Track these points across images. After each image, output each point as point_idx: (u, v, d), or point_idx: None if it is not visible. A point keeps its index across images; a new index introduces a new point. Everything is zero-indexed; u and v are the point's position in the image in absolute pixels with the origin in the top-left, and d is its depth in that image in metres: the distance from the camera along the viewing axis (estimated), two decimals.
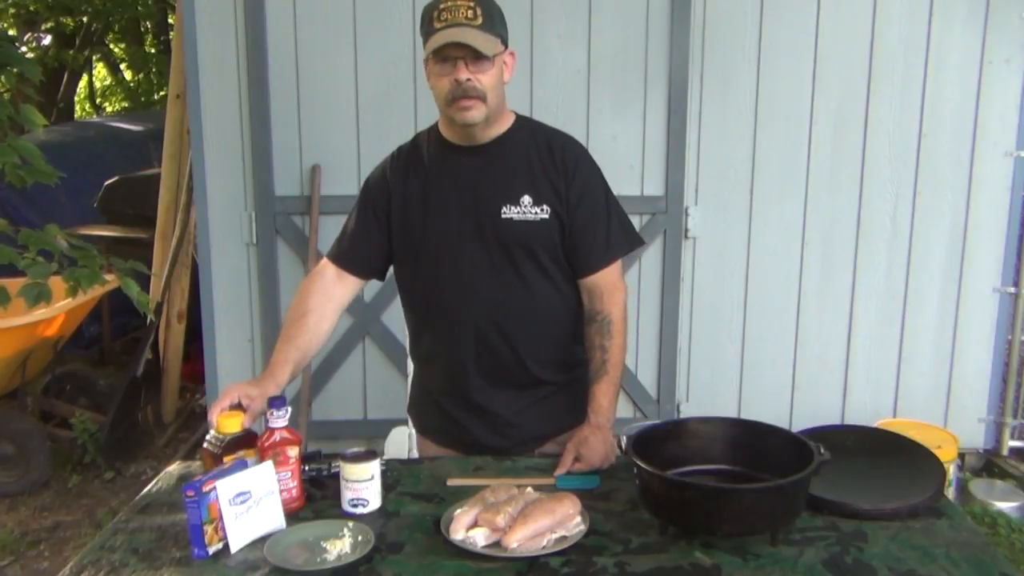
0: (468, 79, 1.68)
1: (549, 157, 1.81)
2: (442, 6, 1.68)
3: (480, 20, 1.67)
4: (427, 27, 1.71)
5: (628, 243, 1.89)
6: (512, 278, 1.81)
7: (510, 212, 1.78)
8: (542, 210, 1.78)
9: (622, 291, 1.87)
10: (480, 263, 1.80)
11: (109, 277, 2.51)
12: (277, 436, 1.55)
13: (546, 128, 1.88)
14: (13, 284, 2.29)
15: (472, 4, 1.67)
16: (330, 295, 1.88)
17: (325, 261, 1.93)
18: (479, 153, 1.81)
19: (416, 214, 1.84)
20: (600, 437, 1.76)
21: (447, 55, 1.68)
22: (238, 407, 1.64)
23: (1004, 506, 3.39)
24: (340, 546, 1.40)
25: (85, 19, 9.57)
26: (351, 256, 1.90)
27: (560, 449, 1.81)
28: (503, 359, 1.84)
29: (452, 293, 1.82)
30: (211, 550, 1.41)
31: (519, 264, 1.80)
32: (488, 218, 1.79)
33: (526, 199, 1.78)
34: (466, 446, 1.89)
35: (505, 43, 1.75)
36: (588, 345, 1.87)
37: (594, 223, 1.83)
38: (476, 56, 1.67)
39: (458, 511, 1.46)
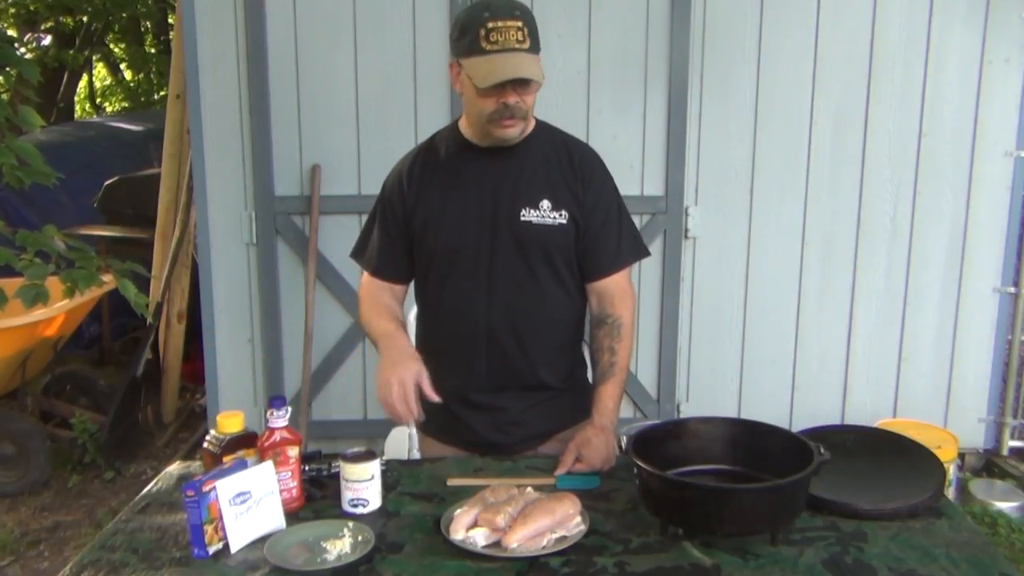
0: (516, 101, 1.69)
1: (568, 163, 1.83)
2: (491, 25, 1.63)
3: (528, 43, 1.66)
4: (472, 42, 1.65)
5: (636, 252, 1.91)
6: (527, 281, 1.82)
7: (529, 215, 1.79)
8: (560, 215, 1.80)
9: (632, 297, 1.89)
10: (496, 264, 1.81)
11: (107, 278, 2.50)
12: (277, 436, 1.55)
13: (564, 134, 1.90)
14: (11, 285, 2.29)
15: (520, 25, 1.65)
16: (391, 294, 1.94)
17: (367, 276, 1.95)
18: (500, 155, 1.81)
19: (434, 213, 1.84)
20: (603, 439, 1.76)
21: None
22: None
23: (1004, 506, 3.39)
24: (340, 546, 1.40)
25: (85, 19, 9.56)
26: (385, 268, 1.93)
27: (562, 447, 1.81)
28: (513, 361, 1.84)
29: (467, 292, 1.83)
30: (211, 550, 1.41)
31: (535, 267, 1.81)
32: (506, 220, 1.80)
33: (545, 203, 1.80)
34: (468, 443, 1.90)
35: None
36: (596, 347, 1.87)
37: (607, 228, 1.85)
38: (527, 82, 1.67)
39: (458, 511, 1.46)
